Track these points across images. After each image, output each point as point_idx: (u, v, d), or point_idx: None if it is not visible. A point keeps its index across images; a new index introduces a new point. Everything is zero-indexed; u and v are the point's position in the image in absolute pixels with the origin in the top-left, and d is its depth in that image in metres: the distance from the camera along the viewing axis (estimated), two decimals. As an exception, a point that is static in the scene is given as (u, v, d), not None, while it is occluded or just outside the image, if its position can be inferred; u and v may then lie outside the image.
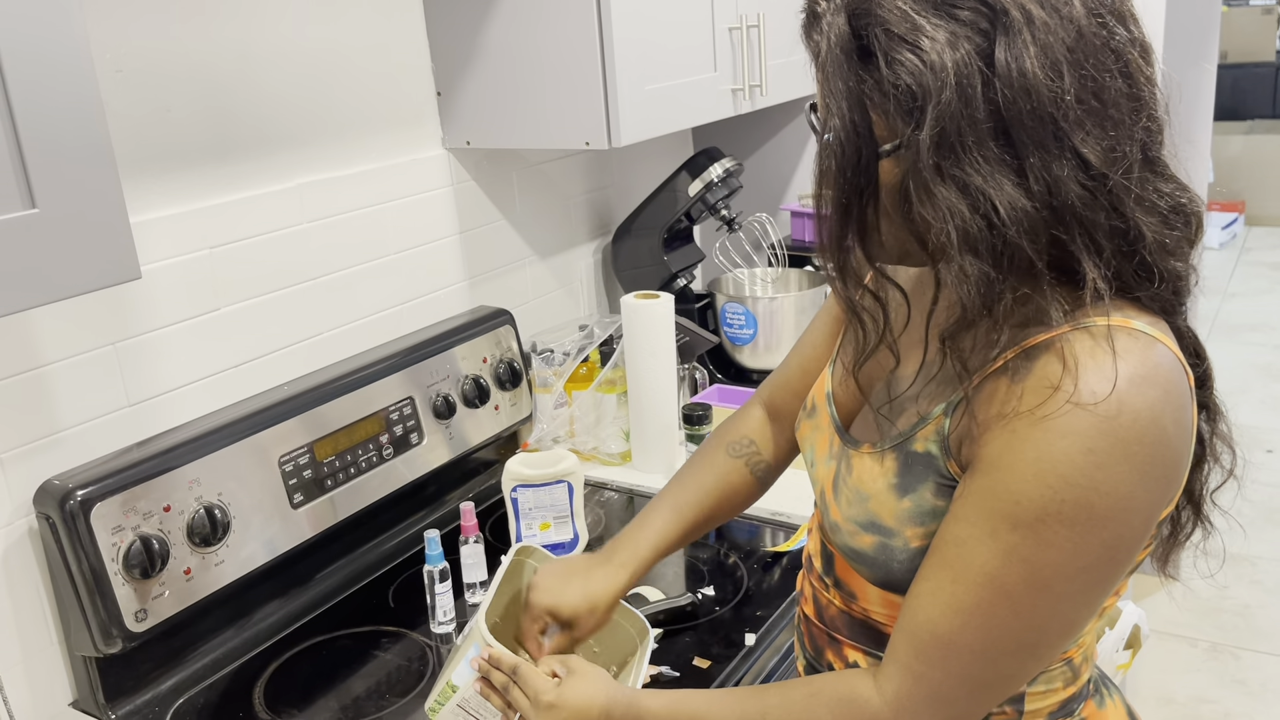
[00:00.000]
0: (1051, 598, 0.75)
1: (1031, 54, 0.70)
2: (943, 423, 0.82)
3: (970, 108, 0.71)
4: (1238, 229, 6.55)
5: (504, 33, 1.60)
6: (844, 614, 0.95)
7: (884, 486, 0.86)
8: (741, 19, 1.79)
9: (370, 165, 1.60)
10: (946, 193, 0.72)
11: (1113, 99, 0.73)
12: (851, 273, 0.81)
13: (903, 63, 0.72)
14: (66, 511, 1.17)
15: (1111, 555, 0.75)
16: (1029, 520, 0.74)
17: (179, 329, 1.36)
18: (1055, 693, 0.89)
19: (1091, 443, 0.71)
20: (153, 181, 1.32)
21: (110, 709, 1.26)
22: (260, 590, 1.41)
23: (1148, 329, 0.76)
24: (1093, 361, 0.73)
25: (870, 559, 0.87)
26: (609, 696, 0.92)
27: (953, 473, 0.81)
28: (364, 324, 1.62)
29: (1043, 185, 0.72)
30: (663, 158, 2.25)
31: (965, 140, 0.71)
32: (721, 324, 2.08)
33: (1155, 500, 0.75)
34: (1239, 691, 2.69)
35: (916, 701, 0.80)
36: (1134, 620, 1.75)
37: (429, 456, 1.59)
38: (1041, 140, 0.71)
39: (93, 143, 0.86)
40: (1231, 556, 3.24)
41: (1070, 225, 0.73)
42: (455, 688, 0.98)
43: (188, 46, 1.34)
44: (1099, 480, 0.72)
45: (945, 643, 0.78)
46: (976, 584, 0.76)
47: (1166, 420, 0.73)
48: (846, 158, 0.76)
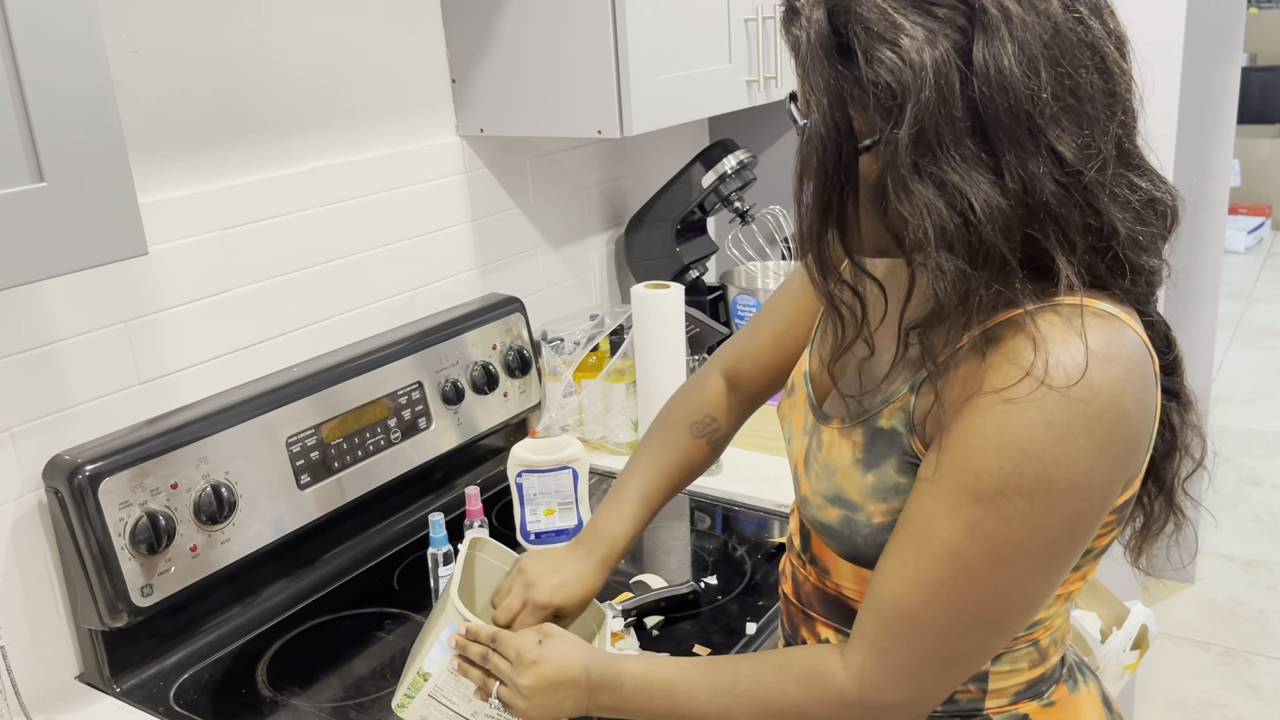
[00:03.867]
0: (1013, 572, 0.77)
1: (1009, 51, 0.71)
2: (909, 400, 0.83)
3: (948, 106, 0.71)
4: (1264, 233, 6.48)
5: (519, 21, 1.60)
6: (818, 590, 0.96)
7: (850, 461, 0.87)
8: (757, 10, 1.79)
9: (384, 151, 1.61)
10: (924, 190, 0.72)
11: (1088, 95, 0.74)
12: (830, 266, 0.82)
13: (882, 60, 0.72)
14: (75, 486, 1.18)
15: (1071, 531, 0.76)
16: (989, 494, 0.74)
17: (190, 309, 1.37)
18: (1020, 673, 0.89)
19: (1052, 417, 0.72)
20: (167, 162, 1.34)
21: (115, 683, 1.28)
22: (266, 569, 1.42)
23: (1111, 309, 0.76)
24: (1057, 338, 0.73)
25: (836, 532, 0.89)
26: (589, 656, 0.95)
27: (916, 450, 0.82)
28: (375, 308, 1.63)
29: (1018, 183, 0.72)
30: (677, 149, 2.25)
31: (943, 138, 0.72)
32: (733, 316, 2.08)
33: (1114, 477, 0.76)
34: (1251, 697, 2.67)
35: (881, 675, 0.81)
36: (1142, 620, 1.74)
37: (437, 441, 1.60)
38: (1017, 138, 0.72)
39: (101, 118, 0.87)
40: (1248, 562, 3.21)
41: (1044, 222, 0.73)
42: (427, 675, 0.98)
43: (204, 30, 1.35)
44: (1059, 454, 0.73)
45: (909, 617, 0.79)
46: (940, 559, 0.77)
47: (1128, 398, 0.74)
48: (827, 153, 0.77)
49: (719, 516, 1.61)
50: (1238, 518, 3.43)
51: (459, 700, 0.99)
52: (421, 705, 1.00)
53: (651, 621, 1.35)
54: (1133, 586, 2.31)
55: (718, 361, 1.19)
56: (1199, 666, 2.79)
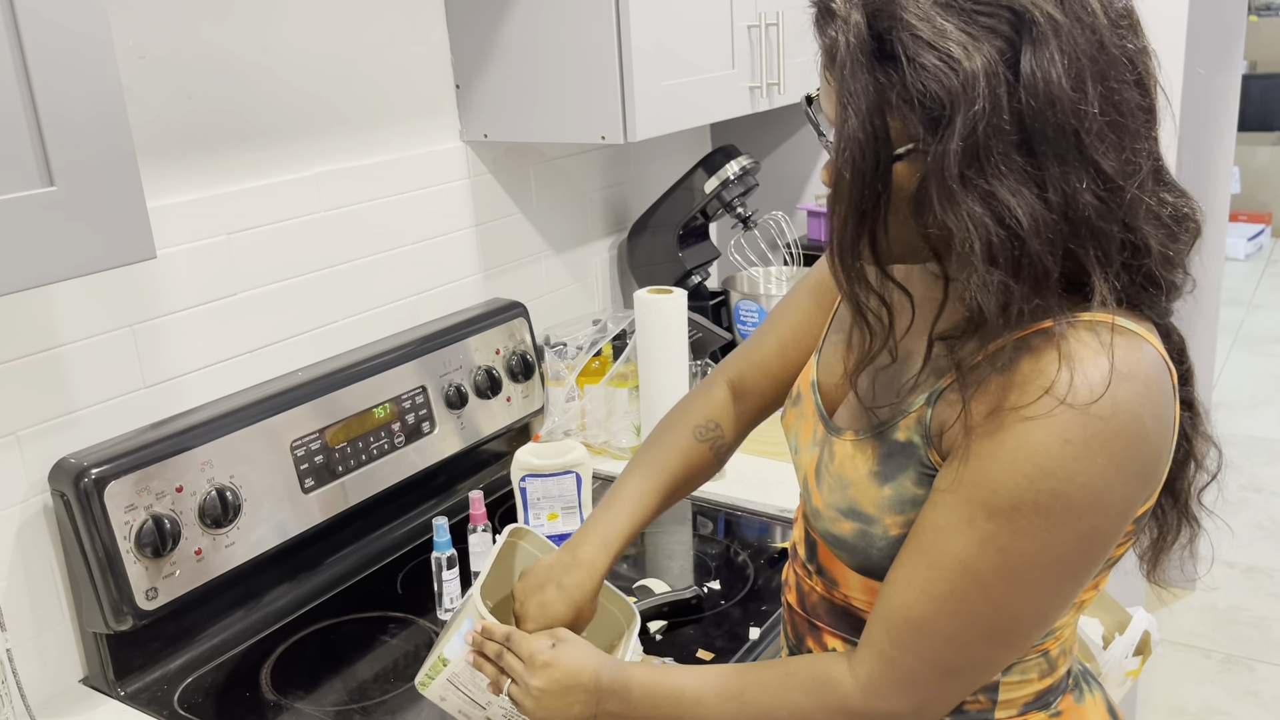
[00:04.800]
0: (1025, 587, 0.76)
1: (1058, 65, 0.69)
2: (925, 412, 0.82)
3: (998, 117, 0.69)
4: (1264, 240, 6.49)
5: (523, 27, 1.61)
6: (825, 601, 0.95)
7: (865, 474, 0.86)
8: (760, 17, 1.79)
9: (388, 156, 1.62)
10: (970, 202, 0.71)
11: (1129, 110, 0.73)
12: (860, 275, 0.80)
13: (928, 68, 0.70)
14: (81, 489, 1.18)
15: (1086, 548, 0.75)
16: (1005, 509, 0.74)
17: (196, 313, 1.38)
18: (1030, 684, 0.89)
19: (1070, 434, 0.72)
20: (173, 167, 1.34)
21: (119, 686, 1.28)
22: (270, 573, 1.42)
23: (1133, 325, 0.76)
24: (1086, 357, 0.73)
25: (850, 545, 0.88)
26: (599, 662, 0.95)
27: (934, 462, 0.81)
28: (379, 313, 1.63)
29: (1061, 197, 0.71)
30: (680, 155, 2.26)
31: (992, 150, 0.70)
32: (735, 321, 2.09)
33: (1132, 495, 0.75)
34: (1252, 704, 2.67)
35: (888, 685, 0.81)
36: (1144, 627, 1.74)
37: (440, 445, 1.60)
38: (1062, 152, 0.71)
39: (111, 123, 0.88)
40: (1249, 569, 3.22)
41: (1084, 238, 0.73)
42: (446, 661, 1.00)
43: (210, 36, 1.36)
44: (1075, 472, 0.72)
45: (919, 628, 0.79)
46: (952, 570, 0.77)
47: (1146, 416, 0.73)
48: (865, 160, 0.74)
49: (721, 521, 1.62)
50: (1239, 524, 3.44)
51: (474, 689, 1.01)
52: (440, 687, 1.02)
53: (655, 626, 1.35)
54: (1135, 593, 2.31)
55: (723, 371, 1.18)
56: (1200, 673, 2.79)
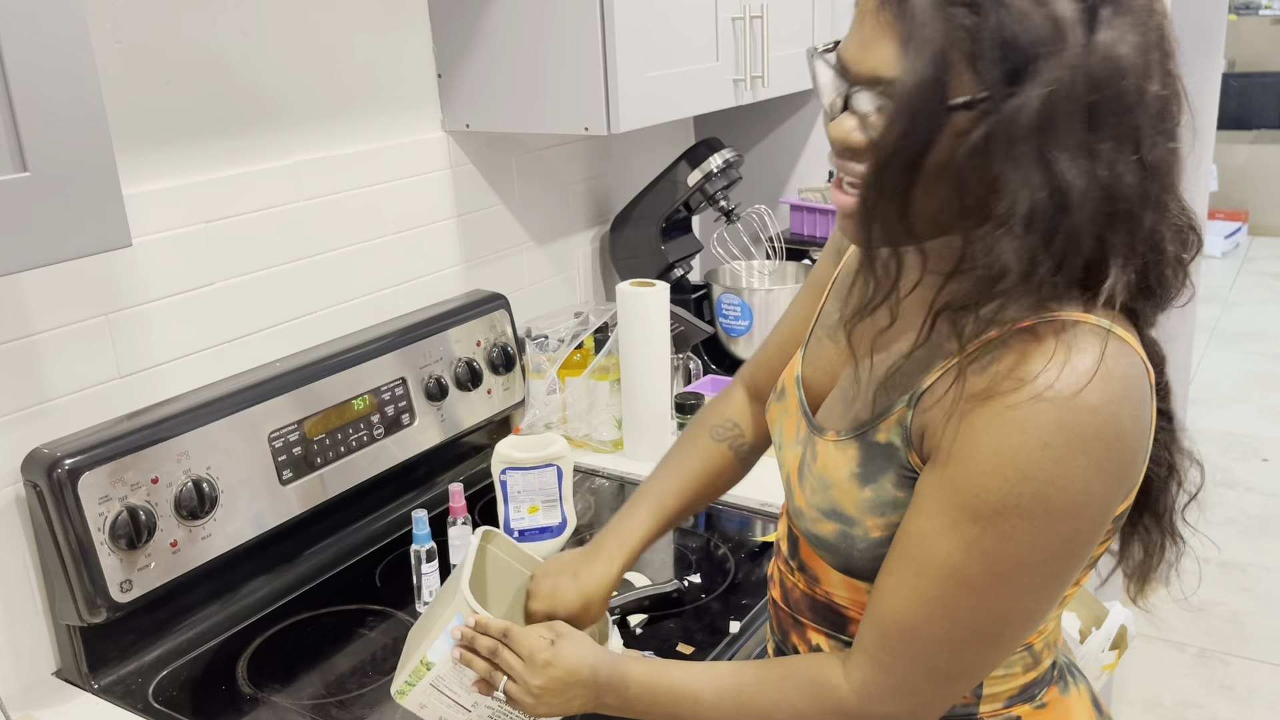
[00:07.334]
0: (1012, 589, 0.76)
1: (1130, 40, 0.68)
2: (905, 414, 0.82)
3: (1075, 79, 0.66)
4: (1240, 238, 6.54)
5: (506, 16, 1.59)
6: (808, 597, 0.95)
7: (846, 475, 0.86)
8: (745, 9, 1.79)
9: (369, 145, 1.60)
10: (1028, 162, 0.68)
11: (1174, 106, 0.72)
12: (882, 219, 0.76)
13: (1016, 11, 0.66)
14: (54, 480, 1.17)
15: (1070, 549, 0.75)
16: (988, 513, 0.74)
17: (172, 302, 1.36)
18: (1014, 678, 0.90)
19: (1049, 436, 0.71)
20: (150, 153, 1.32)
21: (93, 679, 1.26)
22: (247, 565, 1.41)
23: (1112, 326, 0.75)
24: (1055, 355, 0.72)
25: (831, 546, 0.88)
26: (597, 657, 0.95)
27: (914, 464, 0.81)
28: (358, 304, 1.62)
29: (1109, 175, 0.69)
30: (663, 147, 2.25)
31: (1064, 110, 0.67)
32: (717, 315, 2.09)
33: (1111, 494, 0.75)
34: (1226, 697, 2.70)
35: (882, 689, 0.82)
36: (1121, 621, 1.75)
37: (420, 438, 1.59)
38: (1119, 129, 0.69)
39: (86, 108, 0.86)
40: (1223, 564, 3.25)
41: (1117, 224, 0.71)
42: (430, 664, 0.97)
43: (188, 20, 1.34)
44: (1055, 474, 0.72)
45: (910, 633, 0.79)
46: (939, 576, 0.77)
47: (1124, 416, 0.73)
48: (923, 107, 0.69)
49: (702, 515, 1.61)
50: (1213, 520, 3.47)
51: (460, 691, 0.99)
52: (422, 694, 0.99)
53: (635, 620, 1.35)
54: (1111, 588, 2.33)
55: (740, 375, 1.19)
56: (1175, 667, 2.82)
